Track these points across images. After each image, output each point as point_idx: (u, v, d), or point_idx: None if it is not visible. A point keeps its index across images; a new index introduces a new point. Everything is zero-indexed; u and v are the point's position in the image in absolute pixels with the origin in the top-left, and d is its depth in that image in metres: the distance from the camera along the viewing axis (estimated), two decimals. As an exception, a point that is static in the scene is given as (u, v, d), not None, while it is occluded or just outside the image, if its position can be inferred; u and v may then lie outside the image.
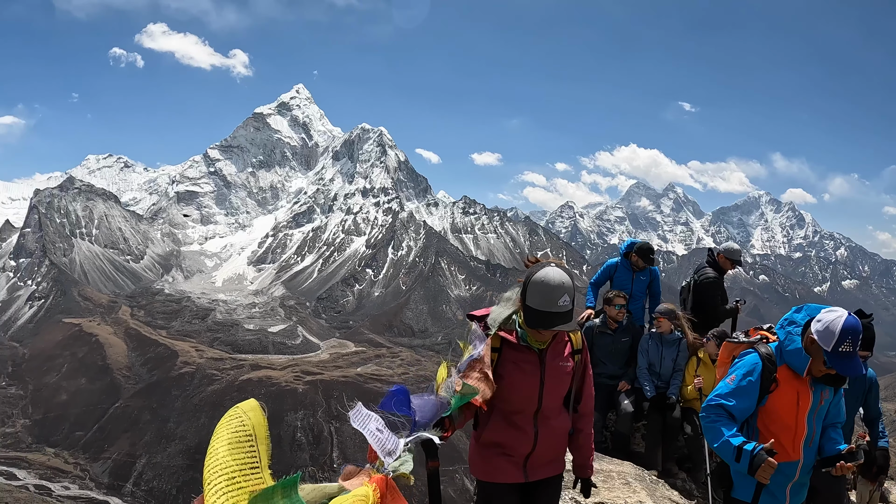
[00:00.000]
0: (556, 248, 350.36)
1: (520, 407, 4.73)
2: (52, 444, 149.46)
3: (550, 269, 4.43)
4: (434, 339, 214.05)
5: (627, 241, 12.25)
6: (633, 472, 8.97)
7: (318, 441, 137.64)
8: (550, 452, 4.93)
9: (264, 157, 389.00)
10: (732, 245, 12.00)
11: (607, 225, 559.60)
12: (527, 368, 4.67)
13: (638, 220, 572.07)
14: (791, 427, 5.30)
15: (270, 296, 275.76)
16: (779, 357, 5.37)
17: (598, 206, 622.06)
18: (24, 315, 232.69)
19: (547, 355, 4.74)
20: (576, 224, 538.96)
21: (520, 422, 4.77)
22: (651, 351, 10.90)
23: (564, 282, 4.39)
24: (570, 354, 4.88)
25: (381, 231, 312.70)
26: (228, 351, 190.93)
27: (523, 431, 4.77)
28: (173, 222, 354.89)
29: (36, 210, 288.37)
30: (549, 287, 4.35)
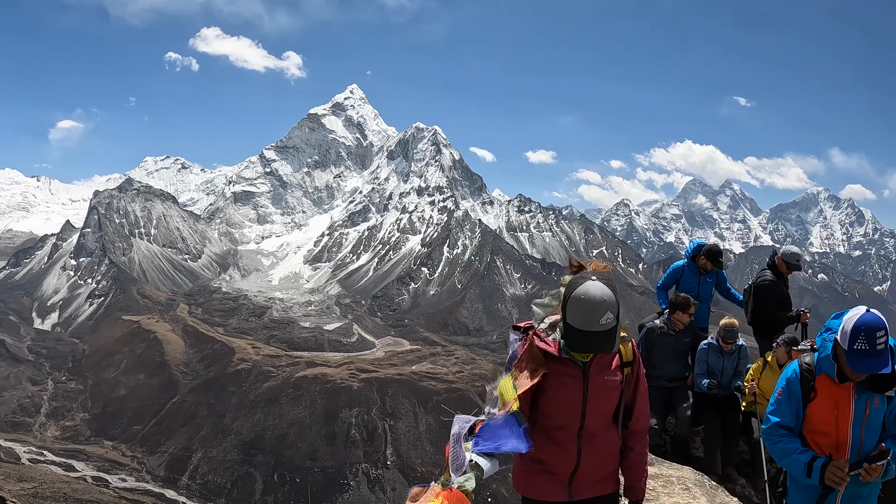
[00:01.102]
0: (611, 247, 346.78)
1: (562, 423, 4.51)
2: (110, 438, 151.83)
3: (592, 285, 4.12)
4: (489, 337, 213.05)
5: (694, 244, 12.24)
6: (692, 477, 8.73)
7: (371, 438, 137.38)
8: (598, 471, 4.67)
9: (319, 157, 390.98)
10: (792, 248, 11.71)
11: (663, 223, 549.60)
12: (569, 383, 4.44)
13: (694, 217, 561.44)
14: (832, 436, 5.15)
15: (326, 294, 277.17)
16: (818, 365, 5.25)
17: (653, 203, 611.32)
18: (85, 312, 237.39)
19: (591, 369, 4.48)
20: (631, 222, 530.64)
21: (562, 439, 4.54)
22: (711, 361, 10.62)
23: (607, 298, 4.08)
24: (617, 367, 4.62)
25: (436, 229, 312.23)
26: (284, 348, 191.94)
27: (565, 449, 4.53)
28: (230, 222, 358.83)
29: (96, 211, 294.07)
30: (591, 304, 4.06)
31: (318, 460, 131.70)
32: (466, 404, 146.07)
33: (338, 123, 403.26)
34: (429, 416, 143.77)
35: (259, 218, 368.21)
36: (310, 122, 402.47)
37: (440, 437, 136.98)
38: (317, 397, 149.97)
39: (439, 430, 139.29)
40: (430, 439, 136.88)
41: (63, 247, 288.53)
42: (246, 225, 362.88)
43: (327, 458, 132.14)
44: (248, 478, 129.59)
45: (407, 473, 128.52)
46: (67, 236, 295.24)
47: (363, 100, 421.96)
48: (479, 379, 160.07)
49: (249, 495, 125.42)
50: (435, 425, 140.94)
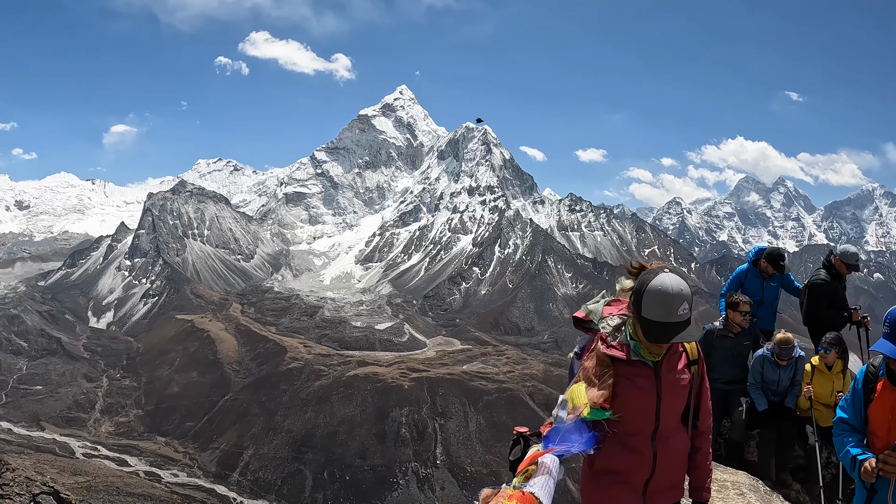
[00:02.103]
0: (663, 246, 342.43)
1: (636, 427, 4.43)
2: (162, 434, 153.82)
3: (667, 277, 4.15)
4: (540, 337, 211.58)
5: (756, 248, 12.22)
6: (747, 482, 8.71)
7: (422, 437, 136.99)
8: (671, 476, 4.62)
9: (370, 158, 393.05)
10: (849, 248, 11.43)
11: (716, 221, 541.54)
12: (642, 384, 4.38)
13: (747, 215, 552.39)
14: (883, 440, 5.14)
15: (377, 294, 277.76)
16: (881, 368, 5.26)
17: (705, 201, 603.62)
18: (139, 311, 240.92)
19: (662, 368, 4.45)
20: (683, 220, 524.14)
21: (637, 444, 4.45)
22: (767, 372, 10.30)
23: (683, 289, 4.11)
24: (685, 366, 4.61)
25: (487, 229, 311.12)
26: (336, 347, 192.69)
27: (641, 455, 4.45)
28: (282, 223, 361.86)
29: (150, 212, 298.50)
30: (668, 296, 4.08)
31: (368, 458, 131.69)
32: (517, 404, 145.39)
33: (388, 124, 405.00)
34: (479, 416, 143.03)
35: (311, 218, 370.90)
36: (360, 123, 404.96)
37: (490, 437, 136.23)
38: (367, 396, 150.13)
39: (489, 429, 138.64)
40: (480, 439, 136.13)
41: (118, 248, 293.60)
42: (298, 225, 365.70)
43: (377, 456, 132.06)
44: (298, 475, 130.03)
45: (456, 473, 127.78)
46: (122, 237, 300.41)
47: (413, 100, 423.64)
48: (530, 379, 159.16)
49: (299, 492, 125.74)
50: (485, 425, 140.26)
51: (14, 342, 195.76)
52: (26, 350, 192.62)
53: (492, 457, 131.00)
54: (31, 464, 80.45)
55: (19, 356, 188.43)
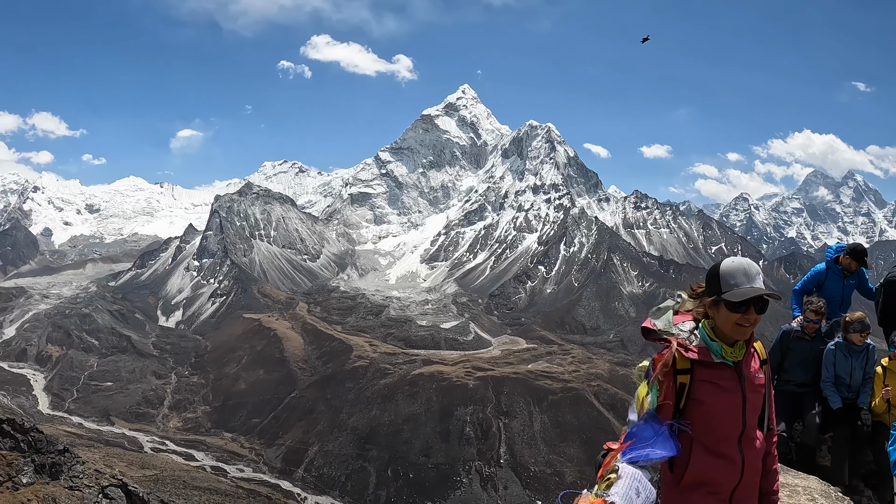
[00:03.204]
0: (730, 243, 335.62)
1: (725, 432, 4.36)
2: (229, 430, 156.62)
3: (733, 257, 4.31)
4: (606, 336, 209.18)
5: (834, 246, 11.69)
6: (818, 487, 8.31)
7: (486, 436, 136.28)
8: (754, 482, 4.54)
9: (434, 158, 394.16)
10: None
11: (784, 217, 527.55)
12: (727, 386, 4.32)
13: (816, 211, 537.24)
14: None
15: (443, 293, 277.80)
16: None
17: (773, 197, 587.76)
18: (207, 311, 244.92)
19: (743, 367, 4.42)
20: (751, 217, 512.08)
21: (726, 450, 4.36)
22: (839, 363, 9.84)
23: (753, 263, 4.24)
24: (760, 365, 4.57)
25: (552, 227, 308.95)
26: (401, 346, 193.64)
27: (730, 461, 4.36)
28: (348, 223, 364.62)
29: (217, 214, 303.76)
30: (745, 262, 4.20)
31: (432, 457, 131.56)
32: (581, 404, 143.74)
33: (451, 124, 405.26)
34: (543, 416, 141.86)
35: (376, 218, 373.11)
36: (423, 123, 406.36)
37: (554, 437, 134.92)
38: (432, 395, 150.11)
39: (553, 429, 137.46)
40: (544, 438, 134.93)
41: (186, 249, 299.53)
42: (363, 225, 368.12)
43: (441, 454, 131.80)
44: (361, 472, 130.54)
45: (520, 472, 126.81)
46: (190, 239, 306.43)
47: (475, 99, 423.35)
48: (595, 378, 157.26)
49: (363, 489, 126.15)
50: (549, 424, 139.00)
51: (85, 340, 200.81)
52: (97, 348, 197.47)
53: (555, 457, 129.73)
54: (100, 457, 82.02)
55: (90, 353, 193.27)
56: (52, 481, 35.54)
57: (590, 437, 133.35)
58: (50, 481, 35.45)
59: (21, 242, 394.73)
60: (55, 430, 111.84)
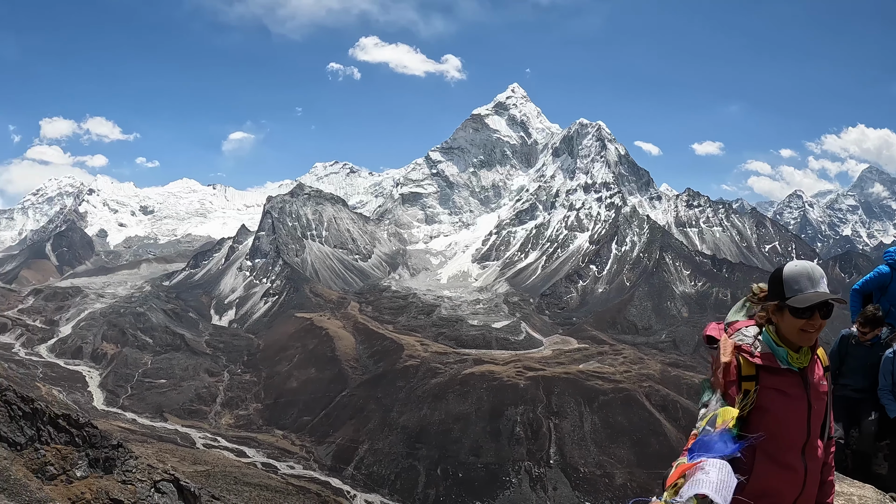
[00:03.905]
0: (784, 241, 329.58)
1: (789, 441, 4.31)
2: (280, 427, 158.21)
3: (795, 261, 4.28)
4: (658, 336, 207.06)
5: (893, 248, 11.23)
6: (874, 496, 8.08)
7: (536, 436, 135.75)
8: (813, 492, 4.48)
9: (485, 157, 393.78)
10: None
11: (839, 215, 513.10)
12: (793, 393, 4.28)
13: (871, 208, 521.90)
14: None
15: (494, 292, 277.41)
16: None
17: (827, 194, 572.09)
18: (260, 310, 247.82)
19: (808, 373, 4.38)
20: (805, 215, 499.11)
21: (789, 459, 4.31)
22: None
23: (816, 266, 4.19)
24: (824, 372, 4.53)
25: (603, 226, 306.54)
26: (452, 345, 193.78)
27: (793, 471, 4.31)
28: (399, 223, 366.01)
29: (269, 215, 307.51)
30: (808, 267, 4.15)
31: (482, 456, 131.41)
32: (633, 405, 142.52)
33: (501, 123, 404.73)
34: (594, 416, 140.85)
35: (427, 218, 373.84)
36: (473, 122, 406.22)
37: (605, 438, 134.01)
38: (483, 394, 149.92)
39: (604, 430, 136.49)
40: (594, 439, 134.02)
41: (239, 249, 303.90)
42: (414, 225, 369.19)
43: (490, 454, 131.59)
44: (411, 470, 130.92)
45: (569, 473, 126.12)
46: (243, 239, 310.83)
47: (525, 98, 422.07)
48: (647, 379, 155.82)
49: (412, 487, 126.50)
50: (600, 425, 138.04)
51: (140, 338, 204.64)
52: (151, 346, 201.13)
53: (605, 458, 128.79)
54: (153, 452, 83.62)
55: (145, 351, 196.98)
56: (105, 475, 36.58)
57: (640, 439, 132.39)
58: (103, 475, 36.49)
59: (77, 243, 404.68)
60: (109, 425, 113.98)
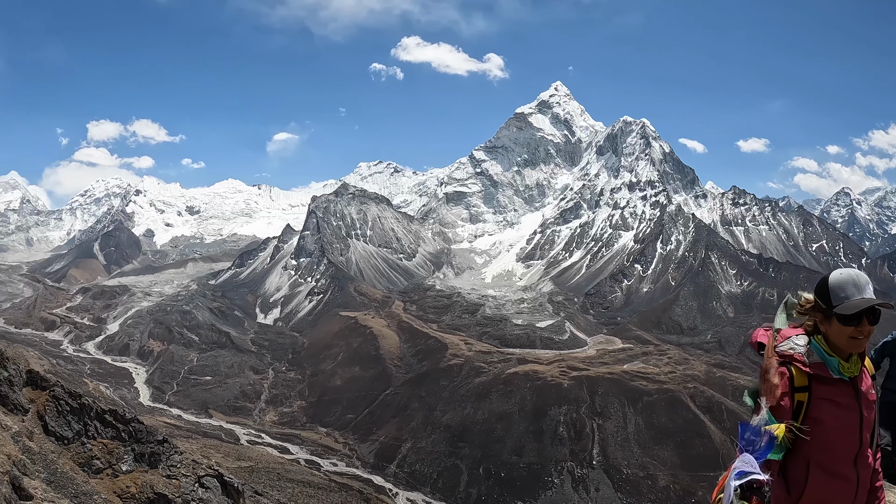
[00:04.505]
0: (831, 240, 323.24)
1: (843, 451, 4.27)
2: (324, 425, 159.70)
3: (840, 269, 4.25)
4: (703, 337, 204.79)
5: None
6: None
7: (579, 437, 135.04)
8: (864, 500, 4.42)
9: (528, 156, 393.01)
10: None
11: (888, 212, 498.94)
12: (845, 403, 4.25)
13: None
14: None
15: (539, 291, 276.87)
16: None
17: (876, 191, 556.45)
18: (304, 308, 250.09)
19: (858, 383, 4.35)
20: (853, 213, 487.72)
21: (842, 470, 4.27)
22: None
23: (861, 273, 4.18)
24: (871, 380, 4.52)
25: (648, 225, 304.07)
26: (496, 345, 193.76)
27: (847, 481, 4.27)
28: (443, 222, 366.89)
29: (314, 215, 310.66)
30: (853, 274, 4.15)
31: (524, 456, 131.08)
32: (677, 406, 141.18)
33: (545, 121, 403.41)
34: (638, 417, 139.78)
35: (471, 217, 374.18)
36: (517, 121, 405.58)
37: (648, 439, 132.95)
38: (526, 394, 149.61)
39: (648, 431, 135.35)
40: (638, 441, 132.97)
41: (284, 248, 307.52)
42: (459, 224, 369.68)
43: (533, 454, 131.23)
44: (453, 469, 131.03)
45: (612, 475, 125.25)
46: (288, 238, 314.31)
47: (568, 96, 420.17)
48: (692, 380, 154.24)
49: (454, 486, 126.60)
50: (644, 426, 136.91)
51: (186, 336, 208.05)
52: (197, 343, 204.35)
53: (649, 459, 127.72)
54: (197, 448, 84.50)
55: (191, 349, 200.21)
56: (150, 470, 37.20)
57: (684, 441, 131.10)
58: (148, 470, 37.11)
59: (124, 243, 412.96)
60: (155, 421, 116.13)
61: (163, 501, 35.76)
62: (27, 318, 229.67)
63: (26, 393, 36.34)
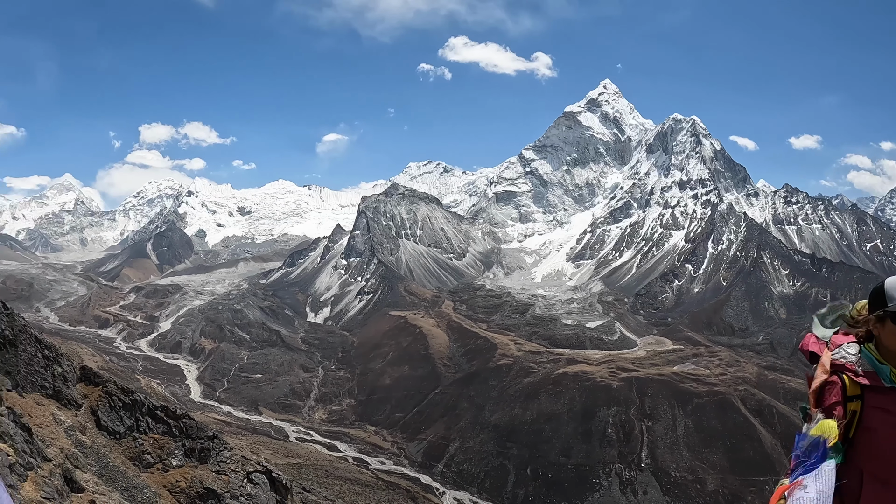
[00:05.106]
0: (886, 239, 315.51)
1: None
2: (373, 423, 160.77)
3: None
4: (755, 338, 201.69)
5: None
6: None
7: (628, 438, 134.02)
8: None
9: (578, 155, 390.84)
10: None
11: None
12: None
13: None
14: None
15: (589, 291, 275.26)
16: None
17: None
18: (354, 308, 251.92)
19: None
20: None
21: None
22: None
23: None
24: None
25: (699, 224, 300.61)
26: (546, 345, 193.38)
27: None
28: (493, 221, 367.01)
29: (364, 215, 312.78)
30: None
31: (572, 457, 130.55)
32: (727, 409, 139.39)
33: (594, 120, 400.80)
34: (688, 420, 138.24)
35: (521, 217, 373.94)
36: (566, 120, 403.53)
37: (698, 442, 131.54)
38: (575, 395, 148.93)
39: (697, 434, 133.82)
40: (687, 443, 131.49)
41: (334, 248, 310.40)
42: (508, 224, 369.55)
43: (581, 455, 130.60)
44: (501, 469, 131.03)
45: (661, 478, 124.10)
46: (338, 238, 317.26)
47: (617, 94, 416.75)
48: (743, 382, 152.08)
49: (501, 487, 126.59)
50: (693, 429, 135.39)
51: (237, 334, 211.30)
52: (248, 342, 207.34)
53: (698, 463, 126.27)
54: (247, 444, 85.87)
55: (241, 347, 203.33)
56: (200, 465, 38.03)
57: (734, 444, 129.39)
58: (198, 465, 37.95)
59: (177, 243, 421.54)
60: (205, 417, 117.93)
61: (212, 496, 36.52)
62: (81, 315, 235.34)
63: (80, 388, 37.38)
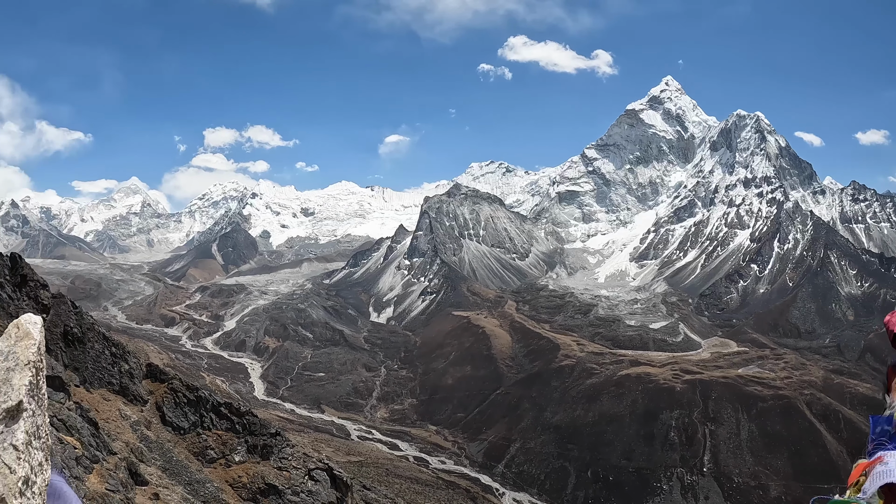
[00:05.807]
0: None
1: None
2: (434, 423, 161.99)
3: None
4: (822, 341, 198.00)
5: None
6: None
7: (690, 442, 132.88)
8: None
9: (641, 153, 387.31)
10: None
11: None
12: None
13: None
14: None
15: (652, 292, 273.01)
16: None
17: None
18: (417, 308, 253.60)
19: None
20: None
21: None
22: None
23: None
24: None
25: (765, 223, 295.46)
26: (609, 346, 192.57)
27: None
28: (556, 221, 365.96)
29: (427, 215, 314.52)
30: None
31: (633, 460, 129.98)
32: (792, 414, 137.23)
33: (656, 117, 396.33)
34: (752, 424, 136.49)
35: (584, 216, 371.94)
36: (628, 118, 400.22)
37: (761, 447, 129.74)
38: (638, 397, 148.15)
39: (761, 439, 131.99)
40: (750, 448, 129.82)
41: (397, 248, 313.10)
42: (571, 224, 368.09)
43: (642, 458, 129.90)
44: (561, 471, 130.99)
45: (722, 483, 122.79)
46: (401, 239, 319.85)
47: (679, 91, 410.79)
48: (808, 386, 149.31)
49: (561, 489, 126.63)
50: (757, 434, 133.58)
51: (300, 333, 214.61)
52: (311, 341, 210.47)
53: (761, 468, 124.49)
54: (308, 442, 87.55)
55: (305, 346, 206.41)
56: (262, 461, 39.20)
57: (799, 450, 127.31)
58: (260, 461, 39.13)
59: (241, 244, 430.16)
60: (268, 414, 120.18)
61: (273, 492, 37.53)
62: (148, 314, 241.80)
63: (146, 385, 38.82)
